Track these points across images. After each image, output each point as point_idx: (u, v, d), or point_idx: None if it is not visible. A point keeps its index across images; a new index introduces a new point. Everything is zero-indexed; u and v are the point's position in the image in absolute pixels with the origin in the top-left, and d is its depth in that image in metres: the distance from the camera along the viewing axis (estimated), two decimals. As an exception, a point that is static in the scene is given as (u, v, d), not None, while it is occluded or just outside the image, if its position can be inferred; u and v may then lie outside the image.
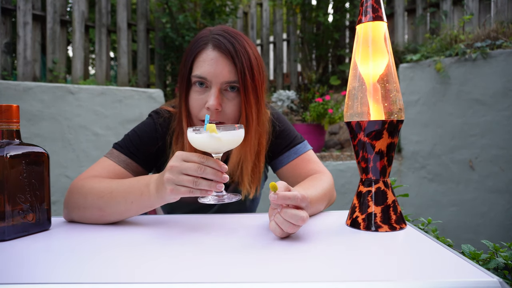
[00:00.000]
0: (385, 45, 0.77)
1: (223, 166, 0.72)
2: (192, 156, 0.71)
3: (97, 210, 0.81)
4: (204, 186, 0.70)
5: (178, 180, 0.70)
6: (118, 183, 0.82)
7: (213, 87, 0.90)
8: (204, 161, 0.70)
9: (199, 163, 0.70)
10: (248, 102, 0.92)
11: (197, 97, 0.92)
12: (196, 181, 0.69)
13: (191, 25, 3.42)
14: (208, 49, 0.91)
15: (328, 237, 0.72)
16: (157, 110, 1.05)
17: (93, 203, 0.81)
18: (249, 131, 0.94)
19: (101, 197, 0.80)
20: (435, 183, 2.66)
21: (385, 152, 0.76)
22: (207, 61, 0.90)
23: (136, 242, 0.70)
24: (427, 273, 0.53)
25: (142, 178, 0.81)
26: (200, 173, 0.69)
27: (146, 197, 0.77)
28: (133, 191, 0.79)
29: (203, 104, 0.91)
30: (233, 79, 0.90)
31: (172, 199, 0.74)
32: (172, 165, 0.71)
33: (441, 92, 2.63)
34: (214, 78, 0.89)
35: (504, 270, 0.78)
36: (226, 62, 0.90)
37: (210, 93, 0.90)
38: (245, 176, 0.98)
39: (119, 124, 2.79)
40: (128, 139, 0.98)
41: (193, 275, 0.53)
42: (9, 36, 2.93)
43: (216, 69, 0.89)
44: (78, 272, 0.54)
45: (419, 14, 3.50)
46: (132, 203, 0.78)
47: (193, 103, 0.93)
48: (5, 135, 0.73)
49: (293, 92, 3.31)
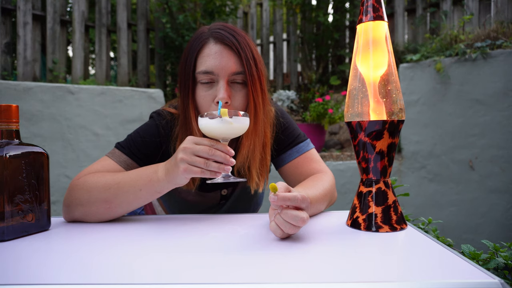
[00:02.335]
0: (386, 45, 0.77)
1: (230, 150, 0.76)
2: (203, 140, 0.75)
3: (103, 203, 0.82)
4: (214, 167, 0.74)
5: (192, 161, 0.74)
6: (124, 175, 0.85)
7: (220, 80, 0.90)
8: (214, 144, 0.75)
9: (209, 146, 0.74)
10: (255, 91, 0.92)
11: (204, 94, 0.92)
12: (207, 163, 0.74)
13: (191, 25, 3.42)
14: (210, 44, 0.91)
15: (328, 238, 0.72)
16: (159, 111, 1.04)
17: (98, 197, 0.82)
18: (257, 121, 0.94)
19: (108, 189, 0.82)
20: (435, 183, 2.66)
21: (385, 152, 0.76)
22: (212, 55, 0.90)
23: (136, 242, 0.69)
24: (428, 274, 0.52)
25: (149, 167, 0.84)
26: (211, 155, 0.73)
27: (155, 182, 0.80)
28: (141, 178, 0.81)
29: (212, 100, 0.91)
30: (240, 69, 0.90)
31: (183, 179, 0.77)
32: (185, 147, 0.75)
33: (441, 92, 2.63)
34: (221, 71, 0.89)
35: (504, 270, 0.78)
36: (231, 54, 0.90)
37: (218, 86, 0.90)
38: (253, 168, 0.97)
39: (119, 124, 2.79)
40: (130, 139, 0.97)
41: (193, 275, 0.53)
42: (9, 36, 2.93)
43: (221, 62, 0.89)
44: (78, 273, 0.54)
45: (419, 14, 3.50)
46: (141, 190, 0.81)
47: (201, 100, 0.92)
48: (5, 135, 0.73)
49: (293, 92, 3.31)
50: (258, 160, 0.97)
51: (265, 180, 1.04)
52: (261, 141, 0.97)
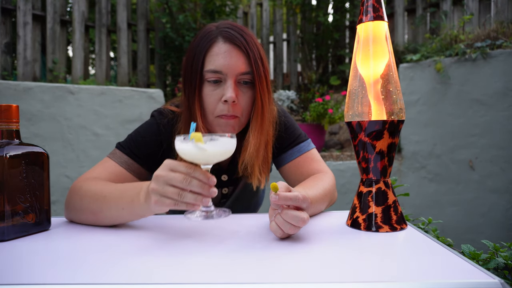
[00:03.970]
0: (386, 45, 0.77)
1: (211, 179, 0.67)
2: (179, 166, 0.66)
3: (91, 214, 0.80)
4: (190, 199, 0.65)
5: (163, 191, 0.66)
6: (112, 188, 0.80)
7: (228, 80, 0.90)
8: (191, 172, 0.66)
9: (185, 174, 0.66)
10: (263, 90, 0.93)
11: (211, 93, 0.91)
12: (181, 193, 0.65)
13: (191, 25, 3.42)
14: (219, 43, 0.90)
15: (328, 238, 0.72)
16: (160, 109, 1.03)
17: (88, 206, 0.81)
18: (264, 120, 0.95)
19: (95, 200, 0.79)
20: (435, 183, 2.66)
21: (385, 152, 0.76)
22: (221, 54, 0.89)
23: (136, 242, 0.69)
24: (428, 274, 0.52)
25: (135, 185, 0.78)
26: (185, 185, 0.65)
27: (136, 205, 0.74)
28: (124, 198, 0.76)
29: (219, 99, 0.91)
30: (248, 69, 0.91)
31: (158, 211, 0.70)
32: (158, 175, 0.67)
33: (441, 92, 2.63)
34: (229, 71, 0.89)
35: (504, 270, 0.78)
36: (240, 54, 0.90)
37: (226, 85, 0.90)
38: (256, 166, 0.97)
39: (119, 124, 2.79)
40: (130, 139, 0.97)
41: (193, 275, 0.53)
42: (9, 36, 2.93)
43: (230, 62, 0.89)
44: (78, 273, 0.54)
45: (419, 14, 3.50)
46: (123, 209, 0.76)
47: (208, 99, 0.92)
48: (5, 135, 0.73)
49: (293, 92, 3.31)
50: (261, 158, 0.98)
51: (266, 179, 1.04)
52: (265, 139, 0.98)
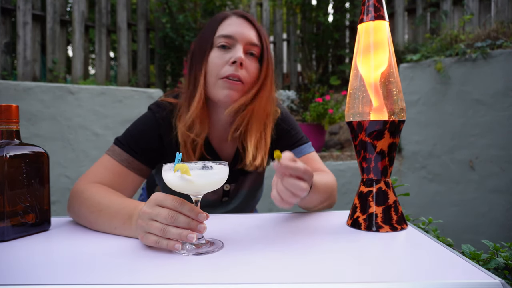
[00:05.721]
0: (387, 45, 0.77)
1: (200, 214, 0.64)
2: (166, 201, 0.64)
3: (87, 222, 0.81)
4: (173, 235, 0.61)
5: (147, 227, 0.63)
6: (108, 202, 0.79)
7: (238, 44, 0.95)
8: (178, 206, 0.63)
9: (171, 209, 0.63)
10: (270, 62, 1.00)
11: (219, 56, 0.95)
12: (164, 229, 0.62)
13: (191, 25, 3.42)
14: (232, 17, 0.99)
15: (328, 238, 0.72)
16: (158, 102, 1.02)
17: (85, 214, 0.81)
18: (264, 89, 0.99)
19: (91, 212, 0.79)
20: (435, 183, 2.66)
21: (386, 152, 0.76)
22: (233, 24, 0.97)
23: (136, 242, 0.69)
24: (428, 274, 0.52)
25: (129, 205, 0.75)
26: (170, 221, 0.62)
27: (127, 229, 0.72)
28: (117, 217, 0.74)
29: (226, 62, 0.94)
30: (257, 42, 0.98)
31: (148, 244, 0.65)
32: (143, 211, 0.65)
33: (441, 92, 2.63)
34: (240, 36, 0.95)
35: (504, 270, 0.78)
36: (251, 27, 0.98)
37: (235, 49, 0.94)
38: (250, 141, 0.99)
39: (119, 124, 2.78)
40: (128, 134, 0.96)
41: (193, 275, 0.53)
42: (9, 36, 2.92)
43: (242, 30, 0.96)
44: (78, 273, 0.54)
45: (419, 14, 3.50)
46: (116, 229, 0.74)
47: (216, 61, 0.95)
48: (5, 135, 0.73)
49: (293, 92, 3.31)
50: (256, 135, 0.99)
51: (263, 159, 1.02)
52: (262, 115, 1.00)
